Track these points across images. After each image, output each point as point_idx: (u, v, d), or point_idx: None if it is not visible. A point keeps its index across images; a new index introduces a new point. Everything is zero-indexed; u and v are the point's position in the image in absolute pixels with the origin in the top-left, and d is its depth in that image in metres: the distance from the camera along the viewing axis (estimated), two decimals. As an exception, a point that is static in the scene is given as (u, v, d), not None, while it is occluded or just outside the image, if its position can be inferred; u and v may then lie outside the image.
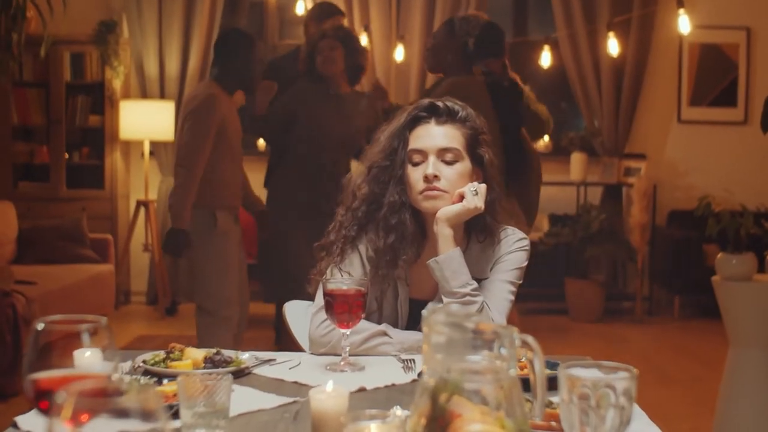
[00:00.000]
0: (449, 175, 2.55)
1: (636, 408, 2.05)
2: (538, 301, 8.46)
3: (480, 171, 2.61)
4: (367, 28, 8.20)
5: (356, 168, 2.74)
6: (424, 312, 1.35)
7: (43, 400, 1.35)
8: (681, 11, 6.67)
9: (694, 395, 5.81)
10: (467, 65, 4.73)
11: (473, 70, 4.81)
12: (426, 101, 2.64)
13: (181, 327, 7.68)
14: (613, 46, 7.93)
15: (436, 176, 2.54)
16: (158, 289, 8.14)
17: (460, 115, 2.61)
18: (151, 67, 8.35)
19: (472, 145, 2.60)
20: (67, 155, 8.41)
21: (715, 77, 8.66)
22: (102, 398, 0.95)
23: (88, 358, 2.05)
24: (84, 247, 7.30)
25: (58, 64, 8.23)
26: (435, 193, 2.55)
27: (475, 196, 2.52)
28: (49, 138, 8.32)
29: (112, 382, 1.08)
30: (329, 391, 1.65)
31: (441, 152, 2.56)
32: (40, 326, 1.32)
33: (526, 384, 1.45)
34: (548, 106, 5.39)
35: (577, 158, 8.49)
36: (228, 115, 5.10)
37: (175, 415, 1.76)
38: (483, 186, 2.55)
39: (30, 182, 8.43)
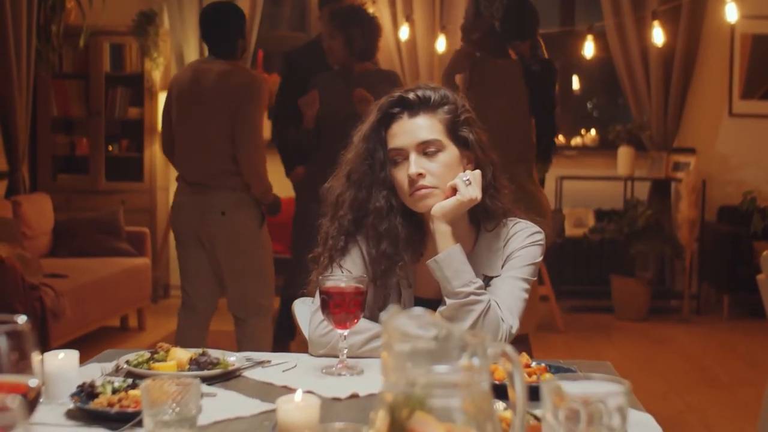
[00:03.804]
0: (434, 169, 2.37)
1: (651, 421, 1.89)
2: (583, 298, 8.28)
3: (469, 153, 2.43)
4: (408, 19, 8.07)
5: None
6: (382, 315, 1.20)
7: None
8: (729, -1, 6.45)
9: (739, 398, 5.60)
10: (500, 46, 4.57)
11: (509, 51, 4.65)
12: (396, 95, 2.45)
13: (218, 322, 7.56)
14: (661, 35, 7.69)
15: (420, 174, 2.36)
16: (196, 283, 8.04)
17: (433, 100, 2.41)
18: (191, 59, 8.24)
19: (453, 129, 2.41)
20: (110, 147, 8.38)
21: (767, 69, 8.38)
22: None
23: (60, 361, 1.94)
24: (120, 240, 7.23)
25: (97, 56, 8.19)
26: (424, 192, 2.37)
27: (468, 186, 2.35)
28: (89, 130, 8.28)
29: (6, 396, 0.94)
30: (297, 401, 1.50)
31: (420, 146, 2.38)
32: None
33: (502, 391, 1.29)
34: (597, 100, 5.24)
35: (624, 152, 8.27)
36: None
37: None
38: (476, 173, 2.38)
39: (69, 174, 8.42)
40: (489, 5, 4.46)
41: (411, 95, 2.42)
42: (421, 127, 2.39)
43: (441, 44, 7.88)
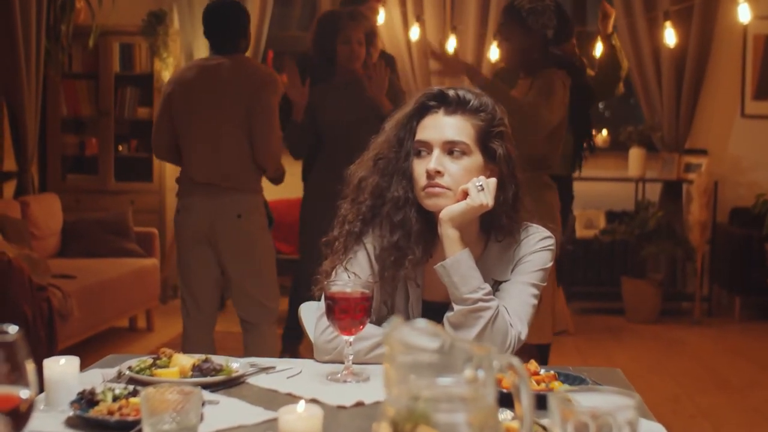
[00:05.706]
0: (454, 170, 2.33)
1: (662, 431, 1.85)
2: (594, 300, 8.22)
3: (494, 167, 2.38)
4: (419, 19, 8.02)
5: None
6: (385, 325, 1.16)
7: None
8: (741, -1, 6.39)
9: (751, 401, 5.54)
10: (547, 56, 4.57)
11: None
12: (436, 89, 2.42)
13: (227, 323, 7.55)
14: (672, 36, 7.63)
15: (438, 172, 2.32)
16: (205, 284, 8.03)
17: (472, 104, 2.37)
18: (201, 59, 8.23)
19: (484, 139, 2.37)
20: (120, 147, 8.36)
21: (780, 70, 8.32)
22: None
23: (61, 367, 1.91)
24: (129, 241, 7.21)
25: (107, 56, 8.17)
26: (437, 190, 2.33)
27: (480, 192, 2.30)
28: (98, 130, 8.27)
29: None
30: (300, 412, 1.47)
31: (446, 145, 2.34)
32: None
33: (507, 399, 1.26)
34: (609, 101, 5.22)
35: (635, 153, 8.22)
36: None
37: None
38: (491, 181, 2.33)
39: (79, 174, 8.41)
40: (538, 18, 4.43)
41: (451, 92, 2.40)
42: (453, 126, 2.36)
43: (451, 44, 7.82)
